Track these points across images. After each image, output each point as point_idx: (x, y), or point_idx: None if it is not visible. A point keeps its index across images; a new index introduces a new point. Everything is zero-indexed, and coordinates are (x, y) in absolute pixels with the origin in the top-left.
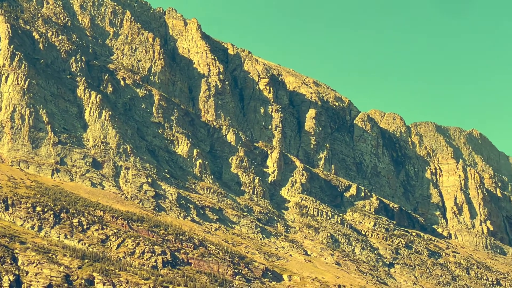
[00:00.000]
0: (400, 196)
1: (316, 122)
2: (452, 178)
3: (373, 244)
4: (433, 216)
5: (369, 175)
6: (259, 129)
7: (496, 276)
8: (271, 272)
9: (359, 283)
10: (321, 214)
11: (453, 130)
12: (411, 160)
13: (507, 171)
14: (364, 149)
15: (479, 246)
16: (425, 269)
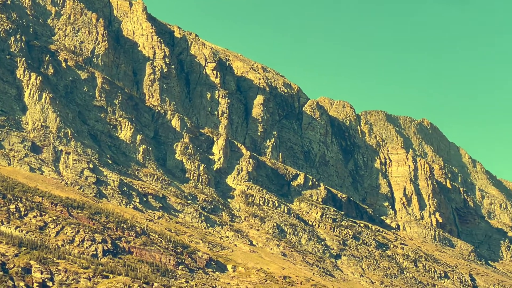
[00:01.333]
0: (349, 186)
1: (264, 108)
2: (401, 168)
3: (320, 235)
4: (381, 207)
5: (317, 164)
6: (205, 115)
7: (444, 268)
8: (215, 262)
9: (305, 275)
10: (267, 203)
11: (403, 119)
12: (360, 149)
13: (457, 162)
14: (312, 137)
15: (427, 238)
16: (372, 261)
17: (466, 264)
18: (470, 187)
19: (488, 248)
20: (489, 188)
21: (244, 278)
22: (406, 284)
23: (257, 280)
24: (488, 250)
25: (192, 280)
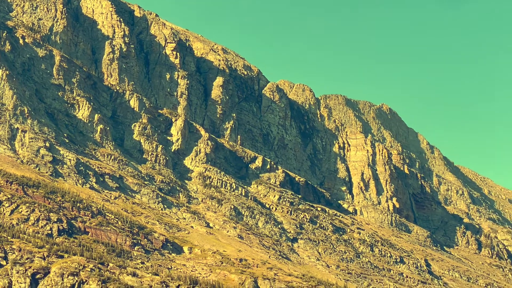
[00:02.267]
0: (307, 170)
1: (223, 90)
2: (360, 153)
3: (277, 218)
4: (339, 191)
5: (275, 147)
6: (164, 95)
7: (400, 253)
8: (171, 243)
9: (261, 258)
10: (225, 185)
11: (362, 104)
12: (319, 133)
13: (415, 148)
14: (271, 120)
15: (384, 223)
16: (329, 245)
17: (421, 250)
18: (427, 173)
19: (444, 234)
20: (446, 175)
21: (200, 260)
22: (362, 269)
23: (213, 262)
24: (443, 236)
25: (147, 261)
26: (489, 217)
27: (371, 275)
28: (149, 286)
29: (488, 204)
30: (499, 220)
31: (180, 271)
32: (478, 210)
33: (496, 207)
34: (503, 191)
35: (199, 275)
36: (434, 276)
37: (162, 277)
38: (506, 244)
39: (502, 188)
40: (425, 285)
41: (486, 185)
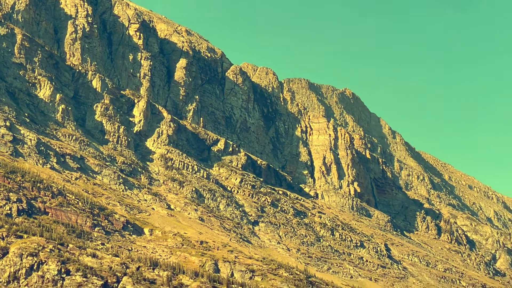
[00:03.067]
0: (269, 153)
1: (187, 72)
2: (322, 137)
3: (238, 201)
4: (301, 175)
5: (238, 130)
6: (127, 76)
7: (360, 238)
8: (132, 225)
9: (222, 240)
10: (186, 167)
11: (325, 88)
12: (282, 116)
13: (377, 133)
14: (234, 103)
15: (345, 207)
16: (289, 228)
17: (382, 234)
18: (389, 158)
19: (404, 219)
20: (407, 160)
21: (161, 242)
22: (322, 252)
23: (174, 244)
24: (404, 221)
25: (108, 243)
26: (449, 202)
27: (331, 259)
28: (109, 268)
29: (448, 190)
30: (459, 206)
31: (141, 253)
32: (438, 195)
33: (456, 192)
34: (463, 177)
35: (159, 257)
36: (393, 261)
37: (122, 258)
38: (465, 230)
39: (463, 174)
40: (384, 270)
41: (446, 171)
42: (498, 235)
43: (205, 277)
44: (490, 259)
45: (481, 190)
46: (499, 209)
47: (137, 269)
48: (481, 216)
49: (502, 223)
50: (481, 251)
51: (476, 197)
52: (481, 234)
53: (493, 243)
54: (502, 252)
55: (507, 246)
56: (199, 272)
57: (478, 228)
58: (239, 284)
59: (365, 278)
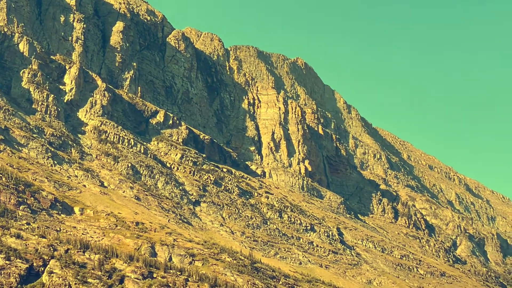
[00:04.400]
0: (213, 127)
1: (124, 37)
2: (271, 110)
3: (178, 178)
4: (247, 151)
5: (179, 101)
6: (58, 40)
7: (310, 221)
8: (60, 203)
9: (160, 221)
10: (122, 141)
11: (276, 57)
12: (228, 87)
13: (332, 107)
14: (176, 71)
15: (294, 187)
16: (234, 209)
17: (334, 217)
18: (343, 134)
19: (359, 200)
20: (363, 137)
21: (92, 222)
22: (269, 236)
23: (107, 225)
24: (358, 203)
25: (34, 222)
26: (407, 184)
27: (279, 243)
28: (34, 250)
29: (407, 170)
30: (418, 188)
31: (70, 234)
32: (396, 176)
33: (415, 173)
34: (424, 157)
35: (90, 238)
36: (346, 246)
37: (49, 240)
38: (424, 214)
39: (423, 153)
40: (336, 255)
41: (405, 150)
42: (459, 220)
43: (140, 262)
44: (450, 245)
45: (442, 171)
46: (461, 192)
47: (66, 252)
48: (441, 199)
49: (463, 206)
50: (441, 236)
51: (437, 179)
52: (441, 219)
53: (453, 228)
54: (463, 238)
55: (468, 231)
56: (134, 256)
57: (438, 212)
58: (178, 270)
59: (315, 265)
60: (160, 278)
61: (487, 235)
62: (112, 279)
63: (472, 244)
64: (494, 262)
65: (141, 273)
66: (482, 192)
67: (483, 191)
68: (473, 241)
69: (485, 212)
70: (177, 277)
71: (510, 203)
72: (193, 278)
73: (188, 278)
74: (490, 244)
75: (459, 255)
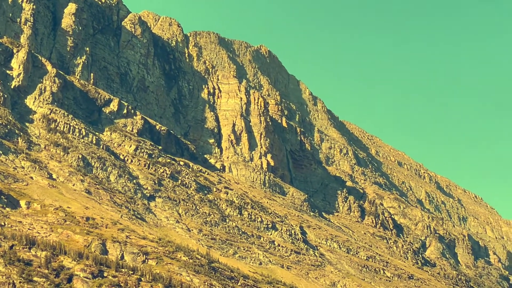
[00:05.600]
0: (170, 118)
1: (76, 19)
2: (232, 101)
3: (132, 171)
4: (206, 144)
5: (134, 89)
6: (5, 21)
7: (272, 218)
8: (5, 196)
9: (112, 217)
10: (73, 131)
11: (238, 44)
12: (186, 75)
13: (296, 99)
14: (131, 57)
15: (256, 183)
16: (191, 205)
17: (297, 215)
18: (308, 128)
19: (323, 198)
20: (329, 130)
21: (40, 216)
22: (228, 234)
23: (55, 220)
24: (323, 201)
25: None
26: (375, 181)
27: (238, 242)
28: None
29: (375, 166)
30: (386, 185)
31: (15, 229)
32: (363, 172)
33: (383, 169)
34: (392, 152)
35: (37, 234)
36: (309, 246)
37: None
38: (392, 213)
39: (392, 149)
40: (298, 256)
41: (373, 145)
42: (429, 220)
43: (90, 259)
44: (419, 246)
45: (412, 168)
46: (431, 190)
47: (10, 248)
48: (410, 198)
49: (434, 206)
50: (409, 237)
51: (406, 176)
52: (410, 218)
53: (423, 228)
54: (432, 239)
55: (438, 232)
56: (83, 253)
57: (407, 211)
58: (130, 269)
59: (276, 265)
60: (111, 277)
61: (458, 236)
62: (59, 278)
63: (442, 245)
64: (464, 265)
65: (91, 271)
66: (453, 191)
67: (455, 190)
68: (443, 242)
69: (456, 212)
70: (129, 276)
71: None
72: (146, 278)
73: (141, 278)
74: (461, 245)
75: (428, 257)
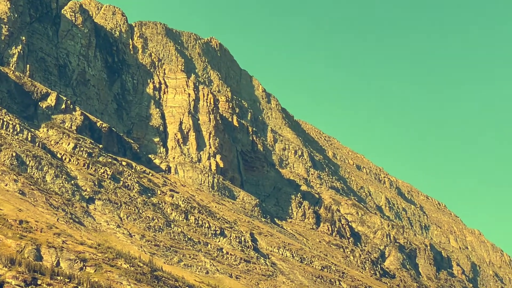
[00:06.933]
0: (112, 114)
1: (12, 6)
2: (179, 97)
3: (70, 171)
4: (150, 142)
5: (74, 83)
6: None
7: (220, 224)
8: None
9: (47, 220)
10: (6, 127)
11: (187, 36)
12: (130, 68)
13: (248, 95)
14: (71, 48)
15: (203, 185)
16: (133, 208)
17: (247, 221)
18: (261, 127)
19: (276, 203)
20: (283, 130)
21: None
22: (173, 241)
23: None
24: (276, 206)
25: None
26: (331, 185)
27: (184, 249)
28: None
29: (332, 170)
30: (344, 190)
31: None
32: (319, 176)
33: (341, 173)
34: (351, 155)
35: None
36: (260, 254)
37: None
38: (349, 220)
39: (350, 151)
40: (248, 265)
41: (331, 146)
42: (389, 228)
43: (23, 266)
44: (378, 256)
45: (371, 172)
46: (392, 196)
47: None
48: (369, 204)
49: (394, 213)
50: (368, 246)
51: (365, 180)
52: (369, 226)
53: (382, 237)
54: (392, 248)
55: (399, 241)
56: (15, 259)
57: (366, 219)
58: (66, 276)
59: (224, 275)
60: (46, 285)
61: (420, 245)
62: None
63: (402, 255)
64: (426, 277)
65: (24, 279)
66: (415, 197)
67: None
68: (403, 252)
69: (418, 219)
70: (65, 284)
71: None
72: (83, 286)
73: (78, 286)
74: (422, 256)
75: (388, 267)
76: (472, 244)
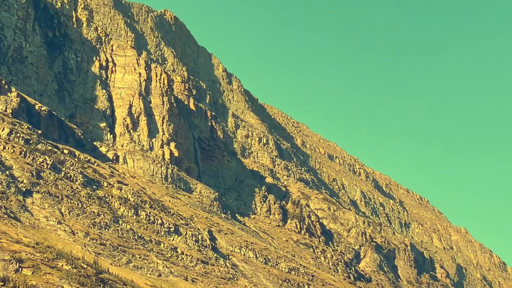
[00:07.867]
0: (52, 96)
1: None
2: (129, 76)
3: (5, 161)
4: (96, 128)
5: (9, 60)
6: None
7: (175, 220)
8: None
9: None
10: None
11: (137, 8)
12: (74, 44)
13: (207, 76)
14: (6, 21)
15: (156, 177)
16: (76, 203)
17: (205, 217)
18: (221, 111)
19: (238, 197)
20: (246, 115)
21: None
22: (121, 239)
23: None
24: (237, 200)
25: None
26: (300, 177)
27: (133, 249)
28: None
29: (301, 160)
30: (314, 183)
31: None
32: (287, 166)
33: (311, 164)
34: (322, 143)
35: None
36: (219, 255)
37: None
38: (320, 216)
39: (321, 139)
40: (206, 267)
41: (300, 134)
42: (365, 225)
43: None
44: (352, 257)
45: (345, 162)
46: (368, 190)
47: None
48: (343, 198)
49: (370, 208)
50: (341, 246)
51: (338, 172)
52: (342, 223)
53: (357, 236)
54: (368, 248)
55: (375, 240)
56: None
57: (338, 215)
58: (0, 279)
59: (179, 278)
60: None
61: (399, 245)
62: None
63: (379, 256)
64: (406, 280)
65: None
66: (394, 191)
67: (396, 189)
68: (381, 252)
69: (398, 216)
70: None
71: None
72: None
73: None
74: (401, 257)
75: (363, 270)
76: (458, 244)
